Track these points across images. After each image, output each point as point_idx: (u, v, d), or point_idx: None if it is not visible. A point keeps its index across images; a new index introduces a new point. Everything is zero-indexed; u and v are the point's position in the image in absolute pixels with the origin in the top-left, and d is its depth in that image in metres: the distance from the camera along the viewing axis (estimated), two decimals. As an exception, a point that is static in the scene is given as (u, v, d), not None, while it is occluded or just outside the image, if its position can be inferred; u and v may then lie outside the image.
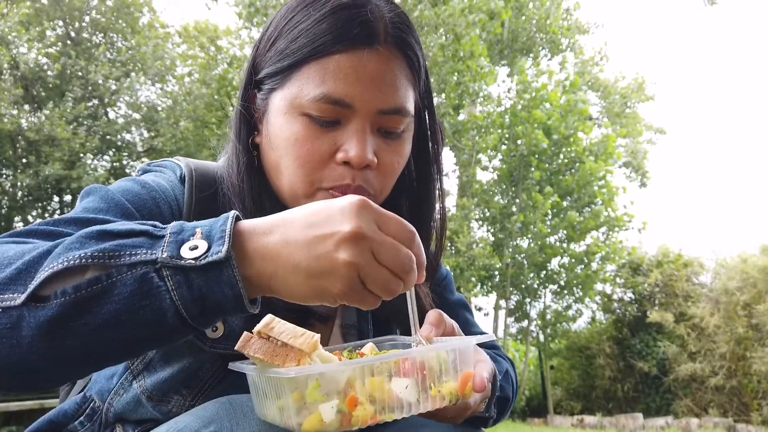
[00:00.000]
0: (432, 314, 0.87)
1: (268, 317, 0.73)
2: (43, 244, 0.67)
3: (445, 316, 0.88)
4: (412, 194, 1.09)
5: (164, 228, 0.68)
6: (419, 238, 0.70)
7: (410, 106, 0.96)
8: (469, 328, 1.24)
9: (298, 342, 0.70)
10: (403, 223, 0.69)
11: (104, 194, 0.88)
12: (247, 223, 0.69)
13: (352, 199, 0.67)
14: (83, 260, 0.62)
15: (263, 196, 0.98)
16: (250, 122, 1.00)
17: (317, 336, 0.71)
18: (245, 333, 0.73)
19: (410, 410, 0.75)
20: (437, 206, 1.10)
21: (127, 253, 0.63)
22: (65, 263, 0.62)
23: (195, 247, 0.64)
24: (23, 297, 0.62)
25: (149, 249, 0.64)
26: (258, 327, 0.72)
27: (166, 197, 0.94)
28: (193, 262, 0.63)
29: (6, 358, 0.62)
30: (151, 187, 0.94)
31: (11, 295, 0.62)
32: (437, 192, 1.09)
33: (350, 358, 0.82)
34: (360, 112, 0.91)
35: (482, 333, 1.24)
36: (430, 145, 1.07)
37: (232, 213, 0.69)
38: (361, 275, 0.66)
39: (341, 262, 0.65)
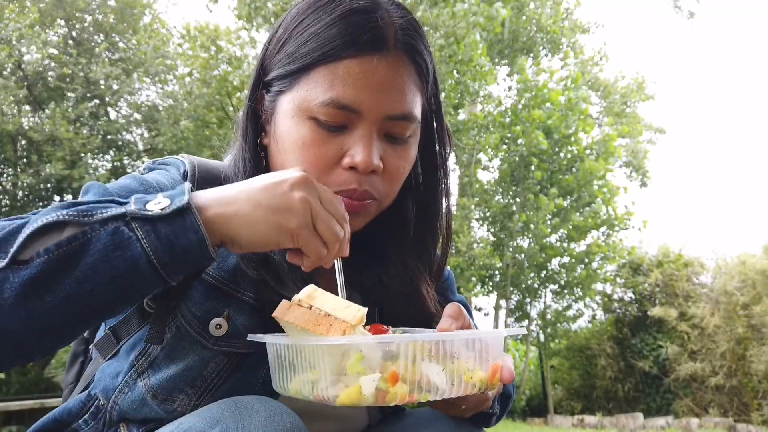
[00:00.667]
0: (451, 307, 0.88)
1: (311, 287, 0.76)
2: (23, 217, 0.73)
3: (464, 310, 0.89)
4: (419, 198, 1.10)
5: (129, 197, 0.76)
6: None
7: (417, 112, 0.97)
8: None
9: (344, 313, 0.71)
10: (338, 198, 0.82)
11: (101, 191, 0.90)
12: (203, 192, 0.77)
13: (295, 174, 0.78)
14: (59, 217, 0.69)
15: None
16: (257, 123, 1.01)
17: (364, 309, 0.74)
18: (284, 301, 0.76)
19: (444, 393, 0.75)
20: (443, 210, 1.10)
21: (99, 211, 0.70)
22: (43, 222, 0.69)
23: (159, 203, 0.72)
24: (6, 260, 0.66)
25: (117, 206, 0.72)
26: (299, 296, 0.75)
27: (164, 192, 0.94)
28: (160, 212, 0.71)
29: None
30: (149, 184, 0.94)
31: None
32: (444, 196, 1.10)
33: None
34: (367, 117, 0.91)
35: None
36: (438, 149, 1.08)
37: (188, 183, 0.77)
38: (312, 213, 0.76)
39: (296, 198, 0.75)
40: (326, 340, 0.70)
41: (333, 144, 0.92)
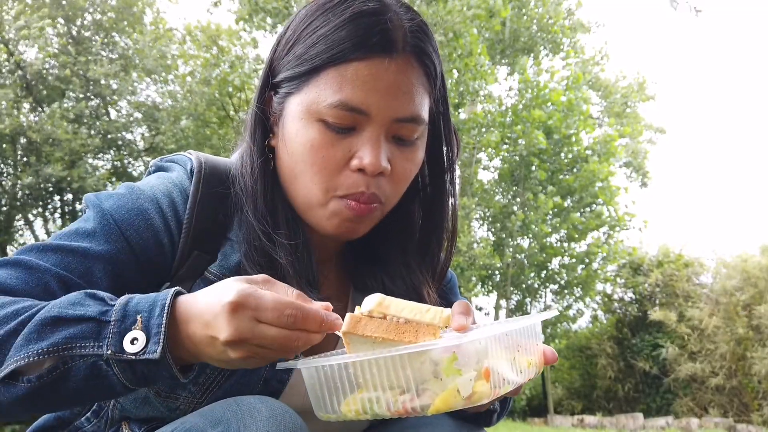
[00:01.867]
0: (460, 305, 0.86)
1: (378, 296, 0.73)
2: (12, 310, 0.77)
3: (471, 305, 0.89)
4: (425, 201, 1.10)
5: (110, 310, 0.76)
6: (300, 305, 0.74)
7: (425, 114, 0.97)
8: None
9: (428, 317, 0.69)
10: (282, 306, 0.73)
11: (99, 214, 0.93)
12: (179, 308, 0.76)
13: (229, 298, 0.72)
14: (41, 356, 0.74)
15: (276, 200, 0.99)
16: (265, 124, 1.01)
17: (448, 310, 0.73)
18: (350, 315, 0.74)
19: (515, 384, 0.75)
20: (449, 212, 1.10)
21: (78, 345, 0.74)
22: (25, 359, 0.74)
23: (135, 340, 0.74)
24: None
25: (96, 341, 0.74)
26: (369, 307, 0.72)
27: (160, 206, 0.95)
28: (133, 357, 0.73)
29: None
30: (146, 197, 0.95)
31: None
32: (450, 199, 1.10)
33: None
34: (375, 119, 0.92)
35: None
36: (445, 151, 1.08)
37: (169, 298, 0.76)
38: (258, 359, 0.76)
39: (235, 359, 0.75)
40: (414, 347, 0.67)
41: (341, 146, 0.92)
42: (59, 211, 12.16)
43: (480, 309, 13.52)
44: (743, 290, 11.27)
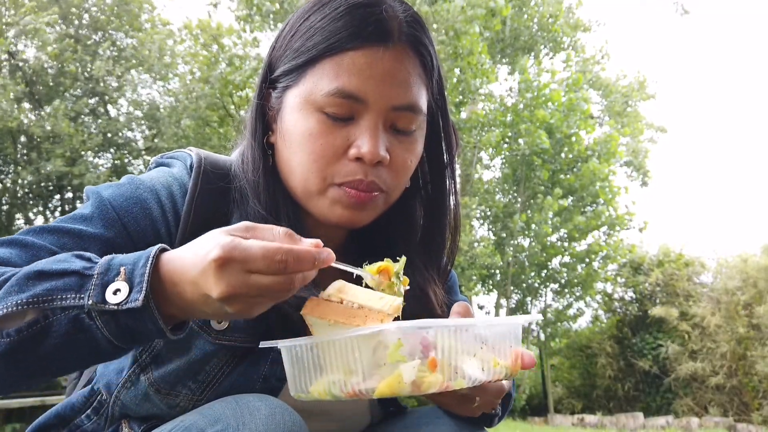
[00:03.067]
0: (459, 306, 0.88)
1: (339, 283, 0.76)
2: None
3: (471, 308, 0.90)
4: (426, 198, 1.10)
5: (94, 266, 0.74)
6: (288, 248, 0.71)
7: (422, 105, 0.98)
8: None
9: (380, 304, 0.71)
10: (271, 252, 0.70)
11: (98, 201, 0.93)
12: (164, 265, 0.74)
13: (214, 254, 0.69)
14: (19, 306, 0.71)
15: (277, 195, 0.99)
16: (264, 121, 1.02)
17: (400, 299, 0.74)
18: (311, 298, 0.76)
19: (475, 380, 0.75)
20: (451, 209, 1.10)
21: (59, 297, 0.72)
22: (3, 310, 0.71)
23: (118, 290, 0.71)
24: None
25: (77, 293, 0.72)
26: (328, 292, 0.75)
27: (158, 197, 0.96)
28: (116, 307, 0.71)
29: None
30: (145, 187, 0.96)
31: None
32: (451, 196, 1.10)
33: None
34: (373, 108, 0.92)
35: None
36: (444, 147, 1.08)
37: (153, 251, 0.75)
38: (258, 306, 0.73)
39: (233, 312, 0.72)
40: (362, 330, 0.69)
41: (339, 135, 0.93)
42: (60, 209, 12.15)
43: (481, 308, 13.52)
44: (743, 289, 11.27)
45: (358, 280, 0.82)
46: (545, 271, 12.50)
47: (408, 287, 0.84)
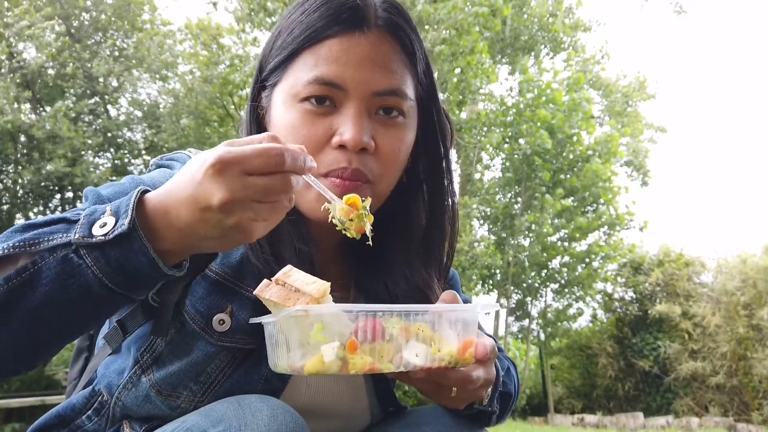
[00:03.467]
0: (447, 294, 0.88)
1: (288, 267, 0.79)
2: None
3: (459, 297, 0.89)
4: (426, 197, 1.09)
5: (81, 212, 0.74)
6: (282, 145, 0.71)
7: (408, 90, 0.97)
8: None
9: (310, 288, 0.76)
10: (265, 150, 0.69)
11: (95, 198, 0.93)
12: (151, 199, 0.72)
13: (211, 161, 0.68)
14: (6, 251, 0.70)
15: None
16: (258, 122, 1.02)
17: (327, 284, 0.76)
18: (265, 280, 0.79)
19: (408, 365, 0.77)
20: (449, 205, 1.09)
21: (45, 239, 0.70)
22: None
23: (104, 224, 0.70)
24: None
25: (65, 233, 0.70)
26: (277, 275, 0.78)
27: None
28: (103, 237, 0.69)
29: None
30: (145, 186, 0.94)
31: None
32: (448, 190, 1.09)
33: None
34: (353, 94, 0.92)
35: (486, 334, 1.23)
36: (439, 140, 1.07)
37: (138, 189, 0.74)
38: (257, 220, 0.71)
39: (231, 226, 0.70)
40: (287, 311, 0.73)
41: (322, 124, 0.93)
42: (60, 209, 12.16)
43: (480, 308, 13.49)
44: (743, 290, 11.27)
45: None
46: (545, 271, 12.50)
47: (372, 225, 0.87)
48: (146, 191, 0.74)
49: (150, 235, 0.70)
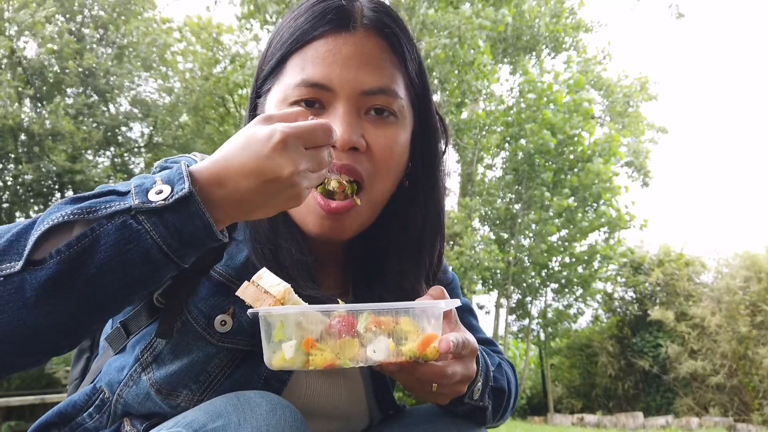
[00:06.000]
0: (434, 290, 0.88)
1: (262, 269, 0.84)
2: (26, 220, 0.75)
3: (446, 293, 0.89)
4: (417, 195, 1.07)
5: (128, 184, 0.76)
6: (322, 122, 0.79)
7: (397, 89, 0.96)
8: (473, 333, 1.23)
9: (274, 290, 0.80)
10: (313, 125, 0.78)
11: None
12: (201, 171, 0.75)
13: (278, 137, 0.74)
14: (65, 217, 0.70)
15: None
16: None
17: (288, 285, 0.80)
18: (245, 282, 0.83)
19: (366, 361, 0.79)
20: (441, 209, 1.09)
21: (103, 207, 0.71)
22: (50, 223, 0.70)
23: (160, 192, 0.72)
24: (21, 263, 0.69)
25: (121, 201, 0.72)
26: (253, 277, 0.83)
27: None
28: (163, 202, 0.71)
29: (16, 320, 0.68)
30: None
31: (9, 264, 0.69)
32: (442, 192, 1.09)
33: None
34: (341, 94, 0.92)
35: (486, 339, 1.24)
36: (432, 142, 1.06)
37: (184, 161, 0.78)
38: (301, 176, 0.77)
39: (289, 195, 0.77)
40: (258, 311, 0.79)
41: None
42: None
43: (481, 307, 13.54)
44: (746, 289, 11.26)
45: None
46: (546, 270, 12.50)
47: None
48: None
49: (204, 202, 0.73)
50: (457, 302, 0.88)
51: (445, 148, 1.09)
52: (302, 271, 0.96)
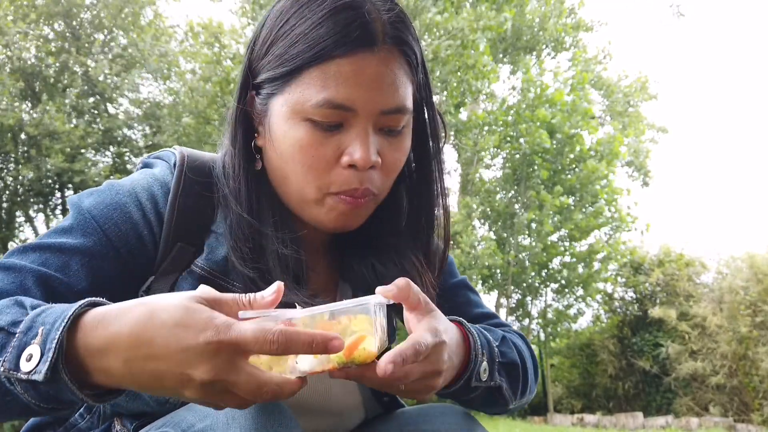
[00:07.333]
0: (400, 280, 0.81)
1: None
2: None
3: (413, 287, 0.82)
4: (413, 191, 1.09)
5: (22, 321, 0.70)
6: (280, 330, 0.64)
7: (410, 103, 0.97)
8: (471, 308, 1.22)
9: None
10: (262, 331, 0.63)
11: (77, 212, 0.93)
12: (95, 331, 0.67)
13: (210, 336, 0.63)
14: None
15: (262, 199, 0.98)
16: (247, 126, 1.00)
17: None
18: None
19: (294, 371, 0.72)
20: (440, 203, 1.09)
21: None
22: None
23: (30, 357, 0.66)
24: None
25: None
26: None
27: (138, 199, 0.95)
28: (26, 376, 0.66)
29: None
30: (125, 191, 0.95)
31: None
32: (439, 188, 1.08)
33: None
34: (362, 114, 0.91)
35: (487, 314, 1.23)
36: (430, 140, 1.07)
37: (72, 310, 0.68)
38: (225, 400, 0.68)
39: (195, 399, 0.67)
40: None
41: (330, 144, 0.91)
42: (60, 206, 12.17)
43: (481, 307, 13.50)
44: (747, 289, 11.26)
45: None
46: (546, 270, 12.50)
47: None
48: (94, 304, 0.69)
49: (81, 367, 0.67)
50: (387, 300, 0.80)
51: (442, 141, 1.09)
52: (288, 267, 0.95)
